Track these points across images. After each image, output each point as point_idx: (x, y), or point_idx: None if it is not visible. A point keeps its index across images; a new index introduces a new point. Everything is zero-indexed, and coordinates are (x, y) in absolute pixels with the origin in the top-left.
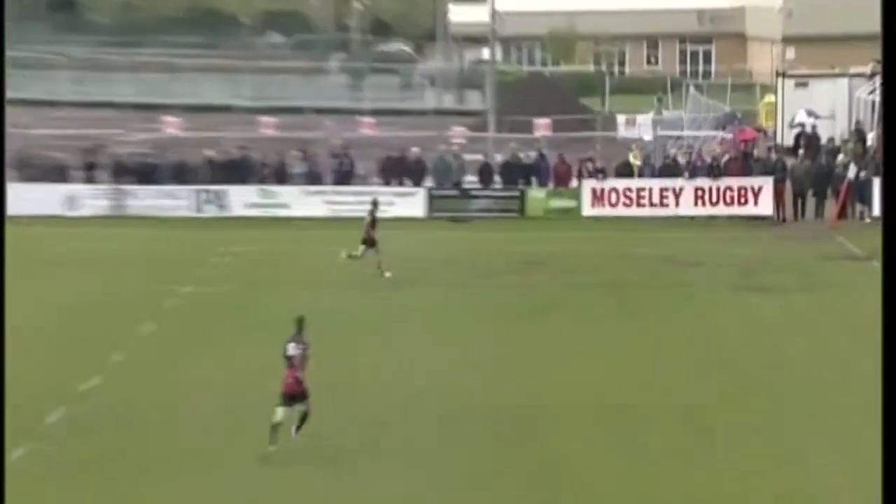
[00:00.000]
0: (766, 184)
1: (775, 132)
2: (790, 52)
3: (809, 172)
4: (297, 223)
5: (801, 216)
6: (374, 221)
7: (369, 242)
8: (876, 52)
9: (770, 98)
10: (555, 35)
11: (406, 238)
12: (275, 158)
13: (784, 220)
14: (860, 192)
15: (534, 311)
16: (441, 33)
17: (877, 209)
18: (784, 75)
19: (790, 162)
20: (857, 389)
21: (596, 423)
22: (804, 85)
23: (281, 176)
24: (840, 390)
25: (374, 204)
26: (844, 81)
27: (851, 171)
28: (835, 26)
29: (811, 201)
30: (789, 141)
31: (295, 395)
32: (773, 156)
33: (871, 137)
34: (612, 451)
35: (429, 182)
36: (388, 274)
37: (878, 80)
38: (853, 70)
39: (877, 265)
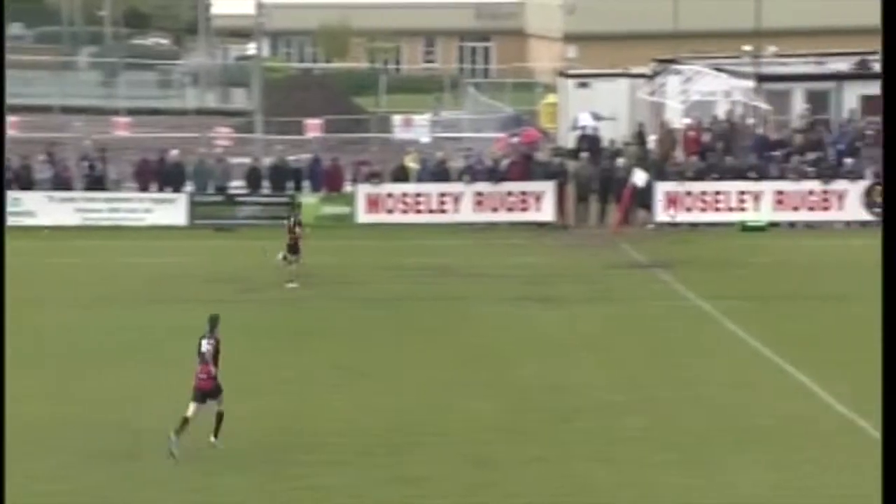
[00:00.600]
0: (548, 188)
1: (557, 134)
2: (571, 51)
3: (592, 176)
4: (43, 233)
5: (584, 222)
6: (296, 224)
7: (294, 248)
8: (657, 50)
9: (551, 98)
10: (326, 30)
11: (165, 249)
12: (18, 162)
13: (566, 226)
14: (641, 197)
15: (298, 330)
16: (203, 26)
17: (659, 215)
18: (566, 75)
19: (572, 165)
20: (647, 412)
21: (364, 455)
22: (586, 85)
23: (25, 181)
24: (628, 413)
25: (295, 206)
26: (626, 82)
27: (638, 178)
28: (617, 24)
29: (594, 206)
30: (571, 143)
31: (206, 392)
32: (555, 159)
33: (652, 140)
34: (384, 484)
35: (190, 187)
36: (292, 285)
37: (658, 81)
38: (634, 70)
39: (661, 273)
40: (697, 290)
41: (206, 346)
